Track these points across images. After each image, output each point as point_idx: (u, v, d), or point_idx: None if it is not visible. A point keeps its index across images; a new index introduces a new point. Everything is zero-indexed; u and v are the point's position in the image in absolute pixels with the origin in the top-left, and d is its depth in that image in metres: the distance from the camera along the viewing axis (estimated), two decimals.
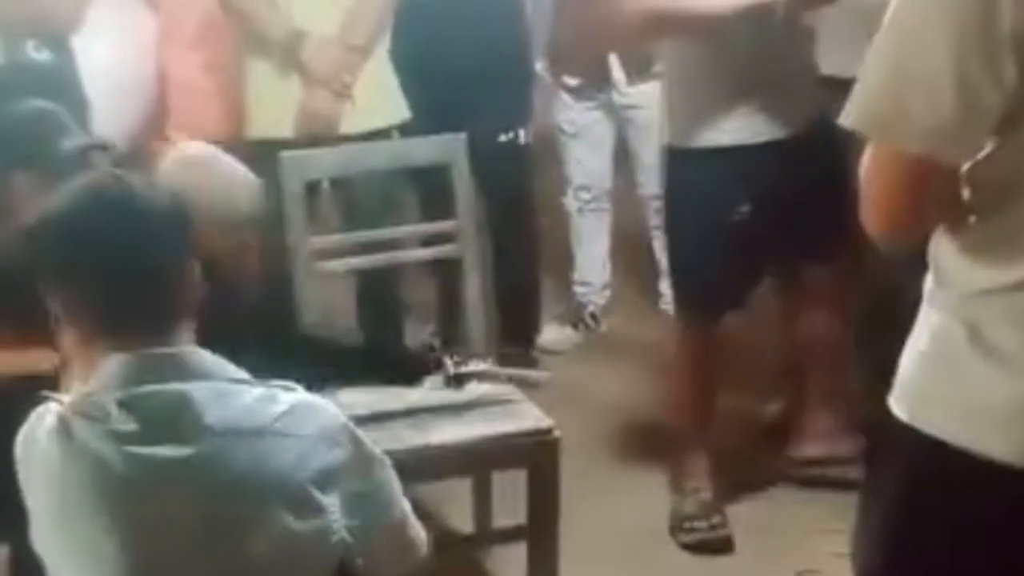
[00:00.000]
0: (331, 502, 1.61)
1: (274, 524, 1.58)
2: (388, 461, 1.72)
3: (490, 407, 2.65)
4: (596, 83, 3.95)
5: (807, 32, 2.97)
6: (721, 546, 3.06)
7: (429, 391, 2.72)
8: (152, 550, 1.58)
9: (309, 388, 2.62)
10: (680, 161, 3.02)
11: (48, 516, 1.65)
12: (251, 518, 1.58)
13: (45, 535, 1.66)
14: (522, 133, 3.82)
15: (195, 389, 1.59)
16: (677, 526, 3.12)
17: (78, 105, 3.10)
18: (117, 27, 4.15)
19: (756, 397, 3.54)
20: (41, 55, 3.17)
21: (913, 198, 1.46)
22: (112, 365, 1.62)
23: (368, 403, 2.66)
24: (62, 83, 3.11)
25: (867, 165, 1.48)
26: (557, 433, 2.57)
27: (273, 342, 3.32)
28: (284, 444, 1.59)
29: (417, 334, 3.98)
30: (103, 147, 2.72)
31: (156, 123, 4.36)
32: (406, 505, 1.76)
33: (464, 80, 3.64)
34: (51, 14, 3.17)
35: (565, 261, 4.22)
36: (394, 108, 3.47)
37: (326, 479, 1.61)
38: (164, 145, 4.17)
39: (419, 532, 1.79)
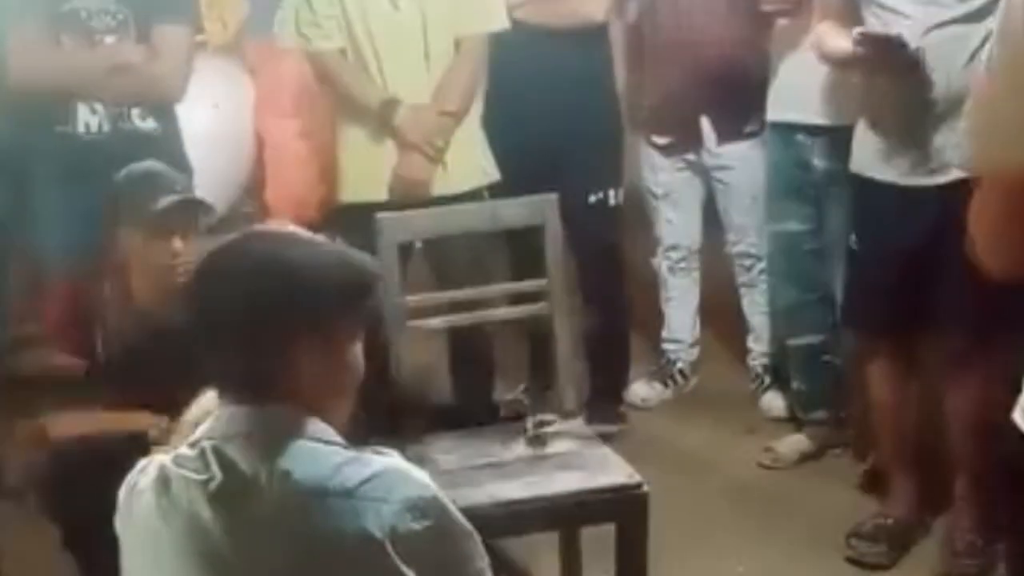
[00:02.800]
0: (412, 571, 1.59)
1: None
2: (478, 537, 1.69)
3: (579, 462, 2.68)
4: (686, 143, 3.98)
5: None
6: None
7: (516, 445, 2.76)
8: None
9: (402, 439, 2.69)
10: None
11: (140, 566, 1.70)
12: None
13: None
14: (612, 194, 3.85)
15: (285, 447, 1.62)
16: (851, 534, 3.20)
17: (181, 171, 3.19)
18: (217, 94, 4.29)
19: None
20: (146, 123, 3.29)
21: (1016, 220, 1.48)
22: (218, 416, 1.67)
23: (457, 458, 2.71)
24: (166, 150, 3.20)
25: (975, 199, 1.52)
26: (646, 488, 2.58)
27: (367, 396, 3.40)
28: (369, 508, 1.58)
29: (508, 391, 4.04)
30: (200, 203, 2.82)
31: (254, 188, 4.49)
32: None
33: (555, 142, 3.69)
34: (156, 85, 3.28)
35: (655, 318, 4.24)
36: (484, 170, 3.55)
37: (407, 548, 1.59)
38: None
39: None
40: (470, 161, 3.51)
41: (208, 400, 2.22)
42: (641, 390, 4.17)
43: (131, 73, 3.23)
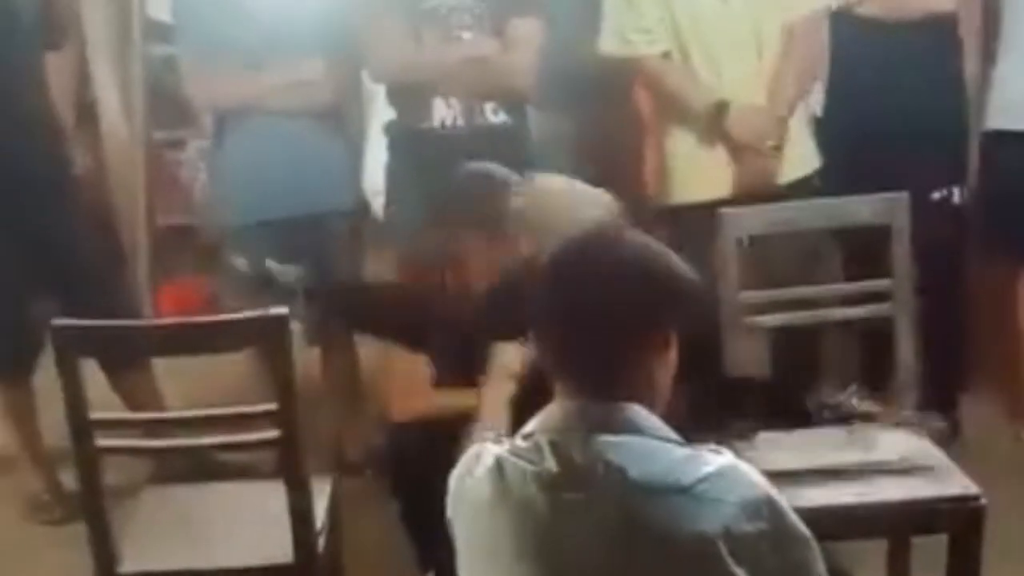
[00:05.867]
0: (744, 573, 1.59)
1: None
2: (814, 542, 1.67)
3: (914, 469, 2.63)
4: None
5: None
6: None
7: (847, 449, 2.73)
8: None
9: (732, 437, 2.72)
10: None
11: (475, 550, 1.75)
12: (662, 574, 1.61)
13: (470, 568, 1.77)
14: (956, 192, 3.74)
15: (623, 442, 1.65)
16: None
17: (529, 167, 3.29)
18: None
19: None
20: (498, 118, 3.39)
21: None
22: (553, 410, 1.72)
23: (786, 458, 2.68)
24: (515, 144, 3.32)
25: None
26: (984, 501, 2.51)
27: (698, 389, 3.42)
28: (704, 506, 1.59)
29: (834, 392, 3.96)
30: None
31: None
32: None
33: (897, 137, 3.60)
34: (510, 78, 3.37)
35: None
36: (807, 158, 3.51)
37: (741, 549, 1.59)
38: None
39: None
40: (797, 149, 3.48)
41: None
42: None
43: (486, 66, 3.33)
